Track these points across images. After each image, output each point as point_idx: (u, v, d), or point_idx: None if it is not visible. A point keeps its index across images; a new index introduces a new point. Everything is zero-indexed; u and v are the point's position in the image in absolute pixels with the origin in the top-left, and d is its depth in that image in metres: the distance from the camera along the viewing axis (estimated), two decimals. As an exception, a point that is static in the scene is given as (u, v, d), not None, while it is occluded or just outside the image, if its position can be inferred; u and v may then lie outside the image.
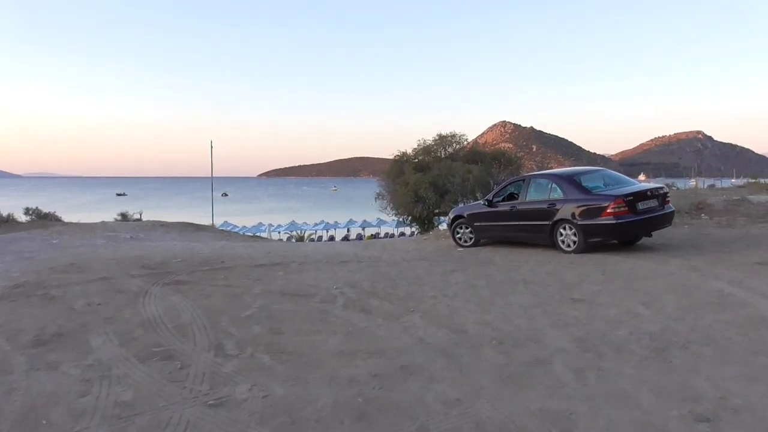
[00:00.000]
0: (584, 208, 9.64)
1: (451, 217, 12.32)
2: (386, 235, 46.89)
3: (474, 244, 11.69)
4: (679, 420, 3.28)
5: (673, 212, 10.07)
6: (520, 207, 10.64)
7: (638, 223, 9.41)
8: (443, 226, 21.25)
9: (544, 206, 10.15)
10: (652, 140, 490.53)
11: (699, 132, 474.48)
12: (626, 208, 9.31)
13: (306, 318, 5.47)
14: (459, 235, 11.96)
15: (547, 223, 10.05)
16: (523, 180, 11.07)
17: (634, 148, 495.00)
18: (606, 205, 9.35)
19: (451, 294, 6.48)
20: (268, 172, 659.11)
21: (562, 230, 9.88)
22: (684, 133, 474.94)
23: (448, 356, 4.34)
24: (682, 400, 3.53)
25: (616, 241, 9.92)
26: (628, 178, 11.02)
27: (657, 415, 3.34)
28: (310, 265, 8.84)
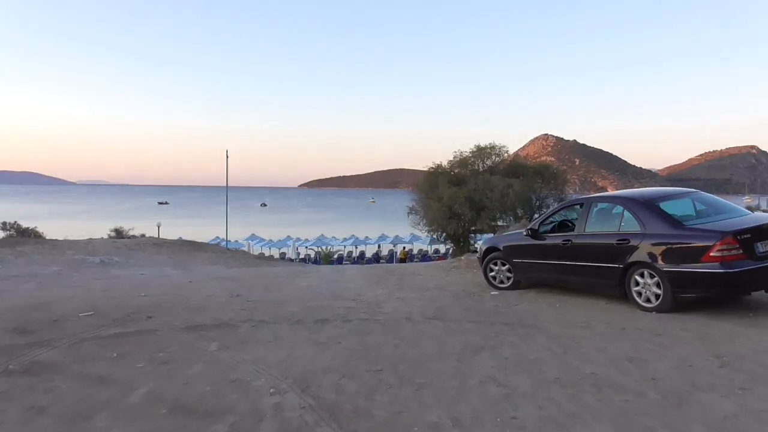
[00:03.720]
0: (673, 247, 6.68)
1: (483, 249, 9.44)
2: (419, 252, 44.10)
3: (512, 287, 8.80)
4: None
5: (806, 256, 6.96)
6: (576, 241, 7.70)
7: (758, 273, 6.38)
8: (479, 243, 18.34)
9: (612, 242, 7.21)
10: (701, 155, 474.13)
11: (753, 147, 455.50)
12: (740, 251, 6.30)
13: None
14: (493, 274, 9.08)
15: (616, 266, 7.10)
16: (581, 204, 8.12)
17: (682, 163, 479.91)
18: (709, 245, 6.35)
19: (469, 417, 3.64)
20: (309, 182, 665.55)
21: (638, 278, 6.92)
22: (736, 147, 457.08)
23: None
24: None
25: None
26: (731, 203, 7.96)
27: None
28: (268, 327, 6.10)
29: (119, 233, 19.06)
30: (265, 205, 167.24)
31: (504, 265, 8.91)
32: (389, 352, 5.09)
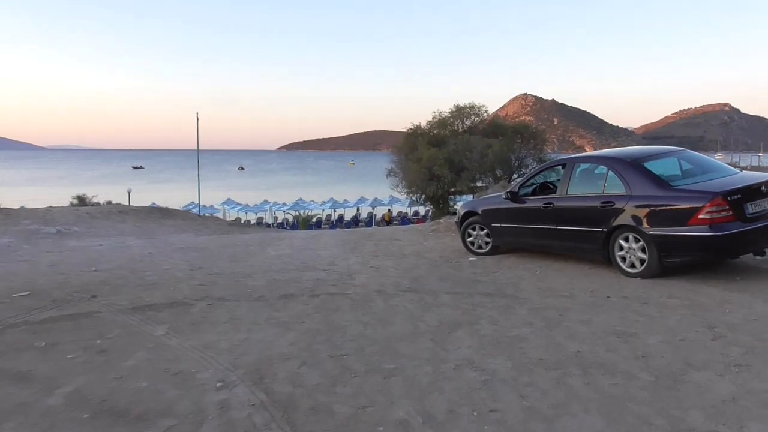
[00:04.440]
0: (659, 209, 6.30)
1: (461, 213, 9.01)
2: (398, 214, 43.71)
3: (491, 252, 8.42)
4: None
5: (798, 217, 6.63)
6: (558, 204, 7.29)
7: (748, 236, 6.03)
8: (458, 206, 17.94)
9: (596, 205, 6.81)
10: (676, 113, 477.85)
11: (726, 104, 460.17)
12: (730, 212, 5.94)
13: None
14: (471, 239, 8.69)
15: (600, 230, 6.72)
16: (564, 165, 7.68)
17: (657, 121, 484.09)
18: (697, 206, 5.97)
19: (443, 411, 3.21)
20: (288, 145, 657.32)
21: (623, 242, 6.55)
22: (710, 105, 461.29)
23: None
24: None
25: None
26: (719, 162, 7.57)
27: None
28: (226, 305, 5.59)
29: (82, 200, 18.12)
30: (242, 169, 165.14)
31: (482, 229, 8.52)
32: (357, 332, 4.64)
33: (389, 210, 43.63)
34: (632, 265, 6.51)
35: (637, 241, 6.42)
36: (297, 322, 4.96)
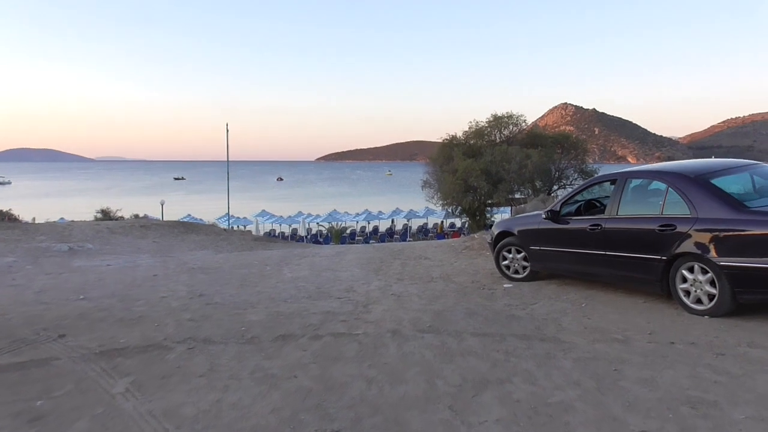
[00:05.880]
0: (733, 235, 5.22)
1: (495, 233, 8.03)
2: (434, 226, 42.73)
3: (529, 278, 7.45)
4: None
5: None
6: (607, 226, 6.27)
7: None
8: (497, 217, 16.86)
9: (653, 228, 5.76)
10: (724, 122, 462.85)
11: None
12: (823, 241, 4.85)
13: None
14: (506, 262, 7.72)
15: (658, 257, 5.68)
16: (613, 180, 6.65)
17: (704, 131, 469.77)
18: (782, 233, 4.90)
19: None
20: (326, 156, 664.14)
21: (687, 273, 5.49)
22: (760, 114, 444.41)
23: None
24: None
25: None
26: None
27: None
28: (209, 350, 4.71)
29: (106, 214, 17.82)
30: (281, 180, 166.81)
31: (519, 252, 7.54)
32: (358, 394, 3.71)
33: (441, 222, 42.70)
34: (698, 301, 5.46)
35: (704, 272, 5.36)
36: (287, 376, 4.05)
